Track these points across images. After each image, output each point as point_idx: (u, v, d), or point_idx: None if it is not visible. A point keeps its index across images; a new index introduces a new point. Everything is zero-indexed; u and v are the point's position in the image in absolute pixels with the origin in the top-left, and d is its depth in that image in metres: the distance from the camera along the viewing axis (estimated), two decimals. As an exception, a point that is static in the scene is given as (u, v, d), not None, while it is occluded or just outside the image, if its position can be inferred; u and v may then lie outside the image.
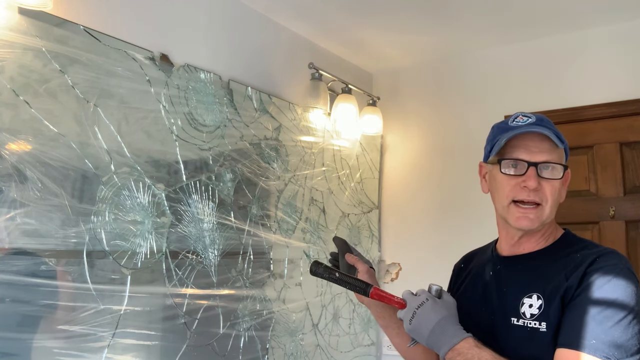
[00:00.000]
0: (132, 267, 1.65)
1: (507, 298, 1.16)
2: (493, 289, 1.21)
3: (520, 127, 1.15)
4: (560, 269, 1.12)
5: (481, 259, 1.33)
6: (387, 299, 1.16)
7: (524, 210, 1.14)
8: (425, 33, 2.59)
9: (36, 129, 1.44)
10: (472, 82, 2.80)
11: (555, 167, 1.13)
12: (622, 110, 2.39)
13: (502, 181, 1.17)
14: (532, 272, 1.16)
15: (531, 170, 1.12)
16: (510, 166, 1.15)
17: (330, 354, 2.51)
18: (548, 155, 1.13)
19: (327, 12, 2.38)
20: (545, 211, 1.14)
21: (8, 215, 1.36)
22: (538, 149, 1.13)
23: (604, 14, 2.36)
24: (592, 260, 1.08)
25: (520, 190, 1.14)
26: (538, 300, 1.10)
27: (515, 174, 1.14)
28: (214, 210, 1.96)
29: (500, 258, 1.24)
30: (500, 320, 1.15)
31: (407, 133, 2.99)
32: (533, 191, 1.12)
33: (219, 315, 1.94)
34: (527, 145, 1.14)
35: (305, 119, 2.53)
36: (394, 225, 2.98)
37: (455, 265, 1.44)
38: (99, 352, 1.54)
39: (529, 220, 1.13)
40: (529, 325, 1.09)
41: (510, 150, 1.15)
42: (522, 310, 1.11)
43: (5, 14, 1.41)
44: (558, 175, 1.14)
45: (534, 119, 1.16)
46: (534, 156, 1.13)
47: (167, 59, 1.87)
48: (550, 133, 1.12)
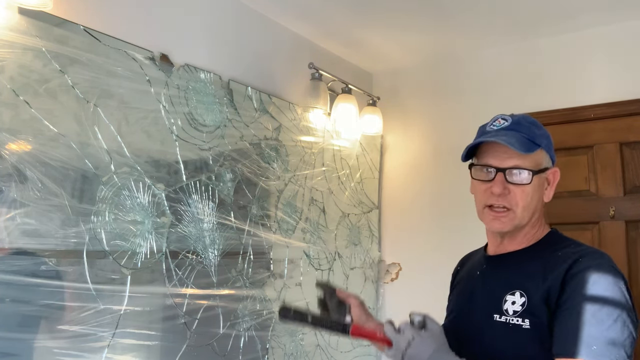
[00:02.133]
0: (132, 267, 1.65)
1: (491, 295, 1.18)
2: (479, 288, 1.23)
3: (490, 132, 1.16)
4: (540, 267, 1.13)
5: (473, 261, 1.37)
6: (370, 336, 1.12)
7: (495, 214, 1.16)
8: (425, 33, 2.59)
9: (36, 129, 1.44)
10: (472, 82, 2.80)
11: (524, 172, 1.14)
12: (622, 110, 2.39)
13: (476, 186, 1.20)
14: (515, 269, 1.17)
15: (499, 175, 1.14)
16: (481, 171, 1.17)
17: (330, 354, 2.51)
18: (517, 160, 1.13)
19: (327, 12, 2.38)
20: (517, 215, 1.15)
21: (8, 215, 1.36)
22: (507, 154, 1.14)
23: (604, 14, 2.36)
24: (574, 260, 1.08)
25: (489, 195, 1.16)
26: (521, 297, 1.11)
27: (485, 180, 1.16)
28: (214, 210, 1.96)
29: (486, 258, 1.27)
30: (484, 317, 1.17)
31: (407, 133, 2.99)
32: (500, 196, 1.14)
33: (219, 315, 1.94)
34: (496, 151, 1.15)
35: (305, 119, 2.53)
36: (394, 225, 2.98)
37: (455, 268, 1.47)
38: (99, 352, 1.54)
39: (501, 223, 1.16)
40: (511, 322, 1.10)
41: (481, 155, 1.18)
42: (504, 307, 1.13)
43: (5, 14, 1.41)
44: (526, 181, 1.14)
45: (509, 122, 1.17)
46: (503, 162, 1.14)
47: (167, 59, 1.87)
48: (515, 140, 1.12)
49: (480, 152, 1.18)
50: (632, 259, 2.34)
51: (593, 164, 2.47)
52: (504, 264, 1.21)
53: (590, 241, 2.43)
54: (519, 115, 1.20)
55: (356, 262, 2.78)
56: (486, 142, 1.16)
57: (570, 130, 2.54)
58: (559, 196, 2.53)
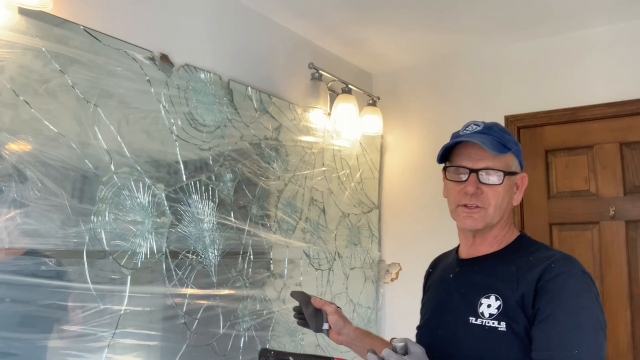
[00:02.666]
0: (132, 267, 1.65)
1: (465, 298, 1.20)
2: (453, 290, 1.26)
3: (464, 135, 1.21)
4: (514, 271, 1.16)
5: (445, 263, 1.39)
6: None
7: (468, 211, 1.21)
8: (425, 33, 2.59)
9: (36, 129, 1.44)
10: (472, 82, 2.80)
11: (496, 173, 1.19)
12: (622, 110, 2.39)
13: (450, 187, 1.25)
14: (489, 273, 1.20)
15: (472, 176, 1.19)
16: (455, 173, 1.23)
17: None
18: (489, 162, 1.19)
19: (327, 12, 2.38)
20: (489, 213, 1.20)
21: (8, 215, 1.36)
22: (480, 156, 1.19)
23: (604, 14, 2.36)
24: (546, 266, 1.11)
25: (463, 195, 1.21)
26: (497, 301, 1.14)
27: (459, 181, 1.22)
28: (214, 210, 1.96)
29: (459, 261, 1.30)
30: (459, 319, 1.19)
31: (407, 133, 2.99)
32: (473, 196, 1.19)
33: (219, 315, 1.94)
34: (469, 153, 1.21)
35: (305, 119, 2.53)
36: (394, 225, 2.98)
37: (426, 270, 1.49)
38: (99, 352, 1.54)
39: (474, 220, 1.20)
40: (487, 325, 1.13)
41: (455, 158, 1.24)
42: (480, 310, 1.16)
43: (5, 14, 1.41)
44: (497, 182, 1.19)
45: (481, 127, 1.22)
46: (475, 163, 1.20)
47: (167, 59, 1.87)
48: (488, 141, 1.17)
49: (454, 155, 1.24)
50: (632, 259, 2.34)
51: (593, 164, 2.47)
52: (478, 267, 1.24)
53: (590, 241, 2.43)
54: (491, 122, 1.25)
55: (356, 262, 2.78)
56: (461, 143, 1.21)
57: (570, 130, 2.54)
58: (559, 196, 2.57)
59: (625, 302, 2.32)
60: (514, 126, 2.64)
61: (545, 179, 2.58)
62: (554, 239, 2.53)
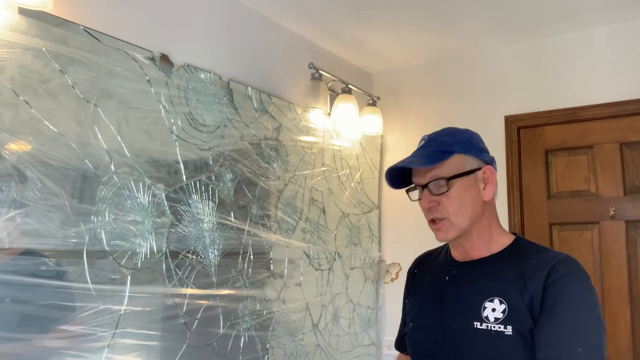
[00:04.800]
0: (132, 267, 1.65)
1: (467, 302, 1.18)
2: (451, 294, 1.23)
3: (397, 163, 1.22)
4: (517, 274, 1.15)
5: (435, 263, 1.36)
6: None
7: (436, 226, 1.21)
8: (425, 33, 2.59)
9: (36, 129, 1.44)
10: (472, 82, 2.80)
11: (439, 182, 1.19)
12: (622, 110, 2.39)
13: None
14: (490, 276, 1.19)
15: (424, 192, 1.20)
16: (414, 192, 1.25)
17: (330, 354, 2.51)
18: (434, 172, 1.19)
19: (327, 12, 2.38)
20: (453, 222, 1.19)
21: (8, 215, 1.36)
22: (425, 170, 1.20)
23: (605, 14, 2.36)
24: (551, 267, 1.12)
25: (426, 211, 1.22)
26: (501, 304, 1.13)
27: (417, 199, 1.23)
28: (214, 210, 1.96)
29: (455, 263, 1.27)
30: (462, 324, 1.17)
31: (407, 133, 3.00)
32: (429, 211, 1.21)
33: (219, 315, 1.94)
34: (417, 170, 1.23)
35: (305, 119, 2.53)
36: (394, 225, 2.98)
37: (410, 269, 1.47)
38: (99, 352, 1.54)
39: (443, 233, 1.20)
40: (494, 329, 1.12)
41: (412, 177, 1.25)
42: (484, 314, 1.14)
43: (5, 14, 1.41)
44: (443, 190, 1.18)
45: (425, 140, 1.24)
46: (422, 178, 1.21)
47: (167, 59, 1.87)
48: (418, 158, 1.19)
49: (412, 175, 1.25)
50: (632, 259, 2.34)
51: (593, 164, 2.47)
52: (478, 270, 1.21)
53: (590, 241, 2.43)
54: (441, 129, 1.26)
55: (356, 262, 2.78)
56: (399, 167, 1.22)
57: (570, 130, 2.54)
58: (559, 196, 2.57)
59: (625, 302, 2.32)
60: (513, 126, 2.65)
61: (545, 179, 2.58)
62: (554, 239, 2.53)
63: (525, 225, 2.59)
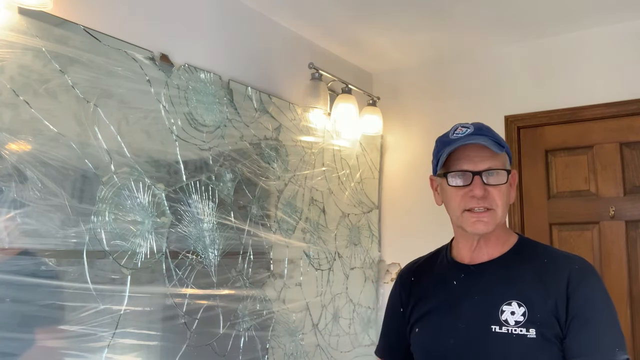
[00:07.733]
0: (132, 267, 1.65)
1: (482, 306, 1.16)
2: (462, 299, 1.20)
3: (460, 138, 1.18)
4: (532, 274, 1.15)
5: (435, 269, 1.33)
6: None
7: (478, 215, 1.17)
8: (425, 33, 2.59)
9: (36, 129, 1.44)
10: (472, 82, 2.80)
11: (499, 172, 1.17)
12: (622, 110, 2.39)
13: (452, 193, 1.20)
14: (504, 279, 1.18)
15: (476, 179, 1.16)
16: (457, 177, 1.19)
17: (330, 354, 2.51)
18: (490, 162, 1.16)
19: (327, 12, 2.38)
20: (498, 214, 1.18)
21: (8, 215, 1.36)
22: (480, 157, 1.17)
23: (604, 14, 2.36)
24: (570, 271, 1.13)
25: (469, 199, 1.17)
26: (520, 307, 1.12)
27: (462, 185, 1.18)
28: (214, 210, 1.96)
29: (462, 266, 1.25)
30: (478, 328, 1.15)
31: (407, 133, 2.99)
32: (481, 199, 1.16)
33: (219, 315, 1.94)
34: (469, 156, 1.17)
35: (305, 119, 2.53)
36: (394, 225, 2.98)
37: (403, 278, 1.41)
38: (99, 352, 1.54)
39: (484, 224, 1.17)
40: (515, 332, 1.10)
41: (454, 162, 1.19)
42: (503, 318, 1.12)
43: (5, 14, 1.41)
44: (503, 180, 1.17)
45: (472, 129, 1.20)
46: (477, 165, 1.16)
47: (167, 59, 1.86)
48: (488, 141, 1.16)
49: (450, 161, 1.19)
50: (632, 259, 2.34)
51: (593, 164, 2.47)
52: (489, 273, 1.20)
53: (590, 241, 2.43)
54: (478, 123, 1.23)
55: (356, 262, 2.78)
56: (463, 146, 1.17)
57: (570, 130, 2.54)
58: (559, 196, 2.56)
59: (625, 301, 2.32)
60: (513, 126, 2.64)
61: (545, 179, 2.58)
62: (554, 239, 2.53)
63: (525, 225, 2.58)
